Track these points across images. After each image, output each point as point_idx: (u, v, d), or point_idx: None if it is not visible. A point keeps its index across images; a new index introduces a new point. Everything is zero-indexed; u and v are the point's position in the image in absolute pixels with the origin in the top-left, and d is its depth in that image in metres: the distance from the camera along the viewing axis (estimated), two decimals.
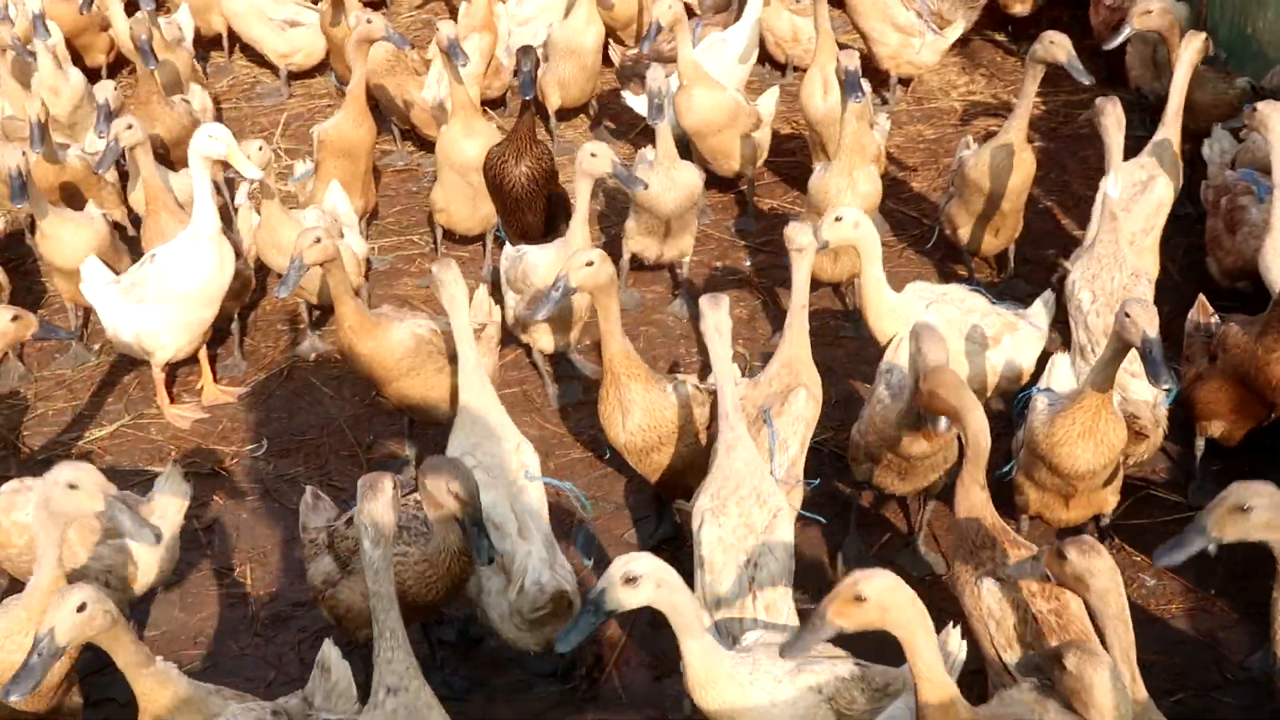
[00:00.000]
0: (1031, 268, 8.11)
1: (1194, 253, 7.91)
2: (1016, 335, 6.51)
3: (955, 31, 9.80)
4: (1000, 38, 10.78)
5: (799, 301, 6.07)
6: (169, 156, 8.54)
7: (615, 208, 8.88)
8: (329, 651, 4.88)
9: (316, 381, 7.58)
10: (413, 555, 5.21)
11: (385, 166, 9.55)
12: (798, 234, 6.16)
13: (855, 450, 6.06)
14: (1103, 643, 4.52)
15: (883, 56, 9.71)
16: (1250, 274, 6.87)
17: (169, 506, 5.78)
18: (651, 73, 7.48)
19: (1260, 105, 6.74)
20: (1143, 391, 6.17)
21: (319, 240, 6.29)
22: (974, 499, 5.08)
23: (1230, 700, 5.48)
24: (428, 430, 6.85)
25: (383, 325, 6.48)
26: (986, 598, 4.93)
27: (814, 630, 4.13)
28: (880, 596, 4.09)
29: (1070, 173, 9.07)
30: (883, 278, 6.42)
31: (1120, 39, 7.93)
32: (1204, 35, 7.56)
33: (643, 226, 7.71)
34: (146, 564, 5.65)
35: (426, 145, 9.44)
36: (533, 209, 7.69)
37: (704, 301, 5.64)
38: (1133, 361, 5.86)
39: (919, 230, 8.56)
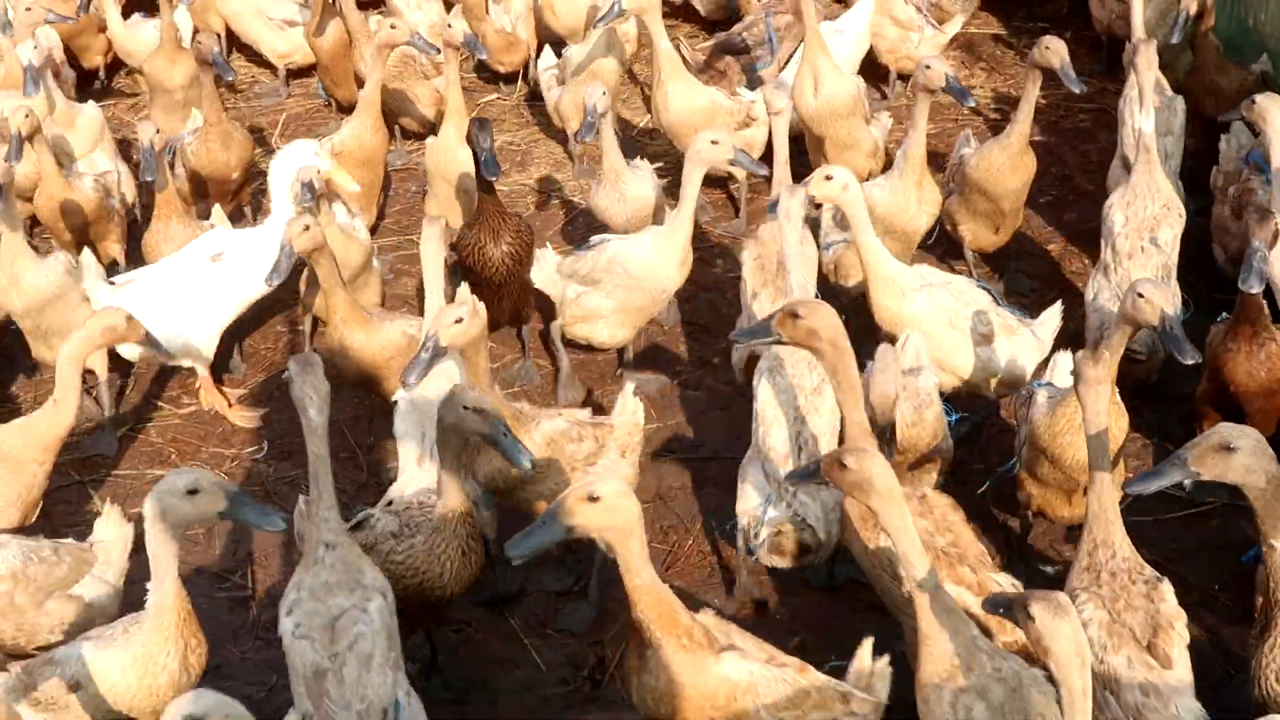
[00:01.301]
0: (1033, 261, 8.09)
1: (1194, 244, 7.89)
2: (1014, 339, 6.45)
3: (954, 26, 9.80)
4: (1001, 31, 10.76)
5: (780, 157, 7.31)
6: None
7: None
8: None
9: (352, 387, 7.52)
10: (418, 543, 5.25)
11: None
12: (776, 97, 7.41)
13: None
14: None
15: (882, 51, 9.71)
16: None
17: (112, 549, 5.58)
18: (591, 89, 7.41)
19: (1259, 98, 6.76)
20: None
21: (307, 228, 6.24)
22: None
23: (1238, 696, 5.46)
24: None
25: (374, 321, 6.48)
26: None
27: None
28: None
29: (1071, 167, 9.06)
30: (878, 245, 6.38)
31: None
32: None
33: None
34: (98, 608, 5.45)
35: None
36: (510, 293, 7.10)
37: (782, 190, 6.30)
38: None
39: None
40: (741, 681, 4.53)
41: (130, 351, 7.00)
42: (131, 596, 5.35)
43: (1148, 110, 6.89)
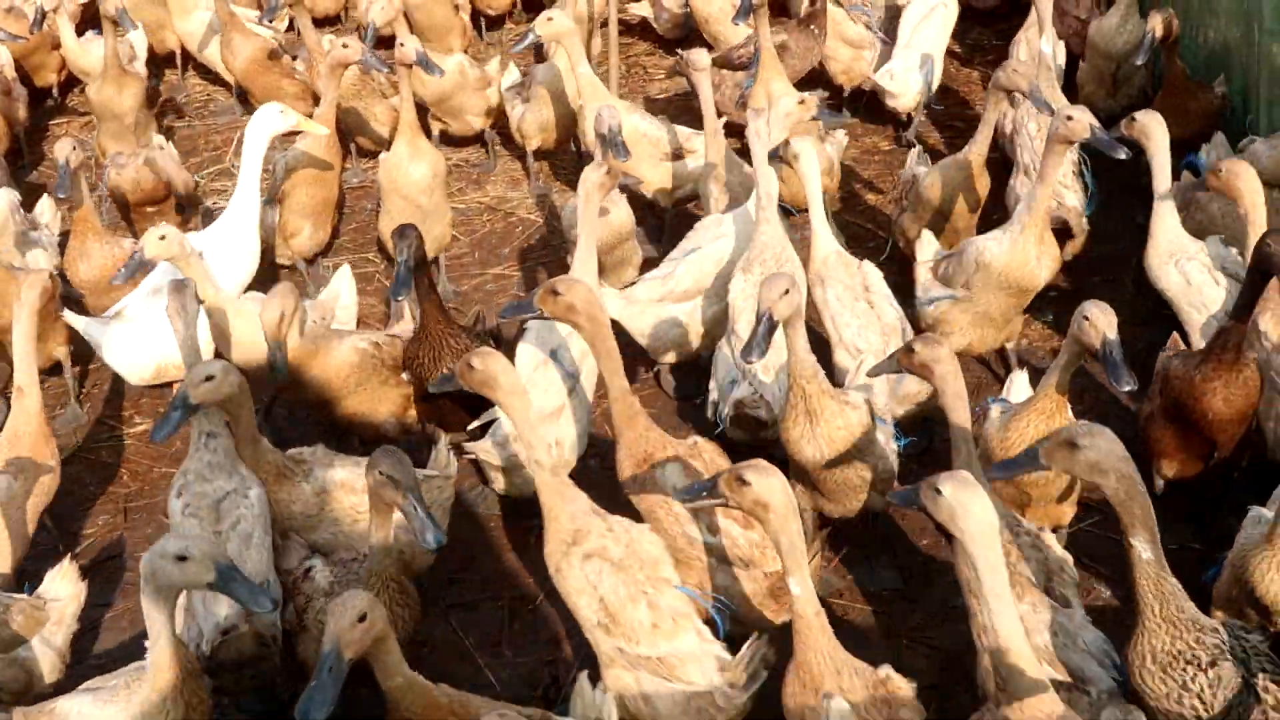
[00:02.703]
0: None
1: None
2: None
3: None
4: (957, 49, 10.81)
5: (711, 128, 7.71)
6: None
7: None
8: None
9: (280, 404, 7.48)
10: None
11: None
12: (698, 56, 7.75)
13: None
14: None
15: (836, 72, 9.77)
16: None
17: (66, 608, 5.47)
18: (604, 110, 7.37)
19: (1139, 115, 6.90)
20: (1073, 201, 7.65)
21: (288, 312, 6.08)
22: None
23: None
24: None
25: (324, 345, 6.44)
26: None
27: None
28: None
29: None
30: (822, 225, 6.68)
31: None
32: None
33: None
34: (44, 668, 5.33)
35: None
36: (460, 404, 6.46)
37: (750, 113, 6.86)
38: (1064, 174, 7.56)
39: (874, 242, 8.56)
40: None
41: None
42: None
43: (1049, 33, 8.09)
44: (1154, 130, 6.82)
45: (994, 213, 8.57)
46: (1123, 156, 6.61)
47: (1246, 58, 8.19)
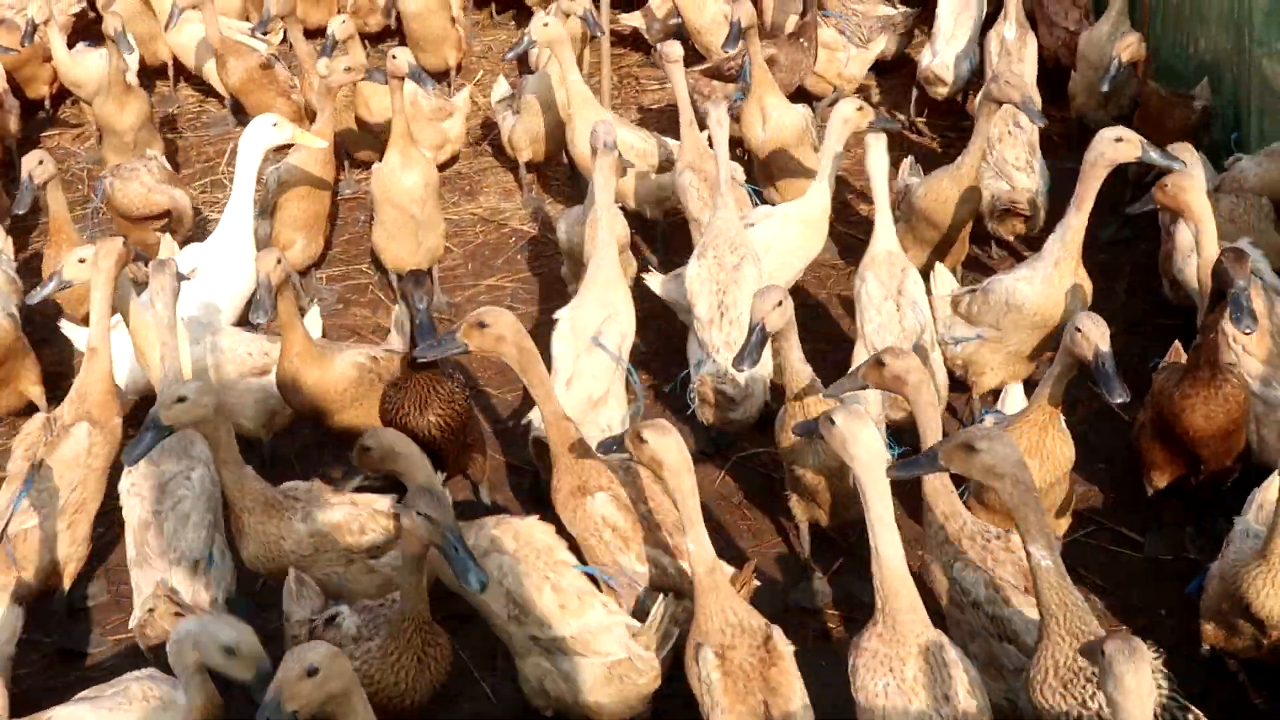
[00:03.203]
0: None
1: (1139, 273, 7.98)
2: None
3: (878, 45, 10.06)
4: None
5: (686, 119, 7.85)
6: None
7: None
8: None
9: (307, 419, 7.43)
10: (374, 647, 5.02)
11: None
12: (671, 48, 7.91)
13: None
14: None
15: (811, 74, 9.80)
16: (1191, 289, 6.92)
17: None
18: (599, 125, 7.39)
19: (1170, 179, 6.46)
20: (1026, 182, 7.87)
21: (279, 261, 6.23)
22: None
23: None
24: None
25: (327, 355, 6.45)
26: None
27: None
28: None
29: None
30: (885, 222, 6.75)
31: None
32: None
33: (572, 273, 7.73)
34: None
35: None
36: (449, 452, 6.30)
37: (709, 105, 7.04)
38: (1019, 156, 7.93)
39: None
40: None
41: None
42: None
43: (1011, 23, 8.79)
44: (1188, 188, 6.47)
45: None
46: (1178, 167, 6.37)
47: (1237, 67, 8.22)
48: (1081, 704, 4.39)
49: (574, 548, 5.43)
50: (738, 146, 8.18)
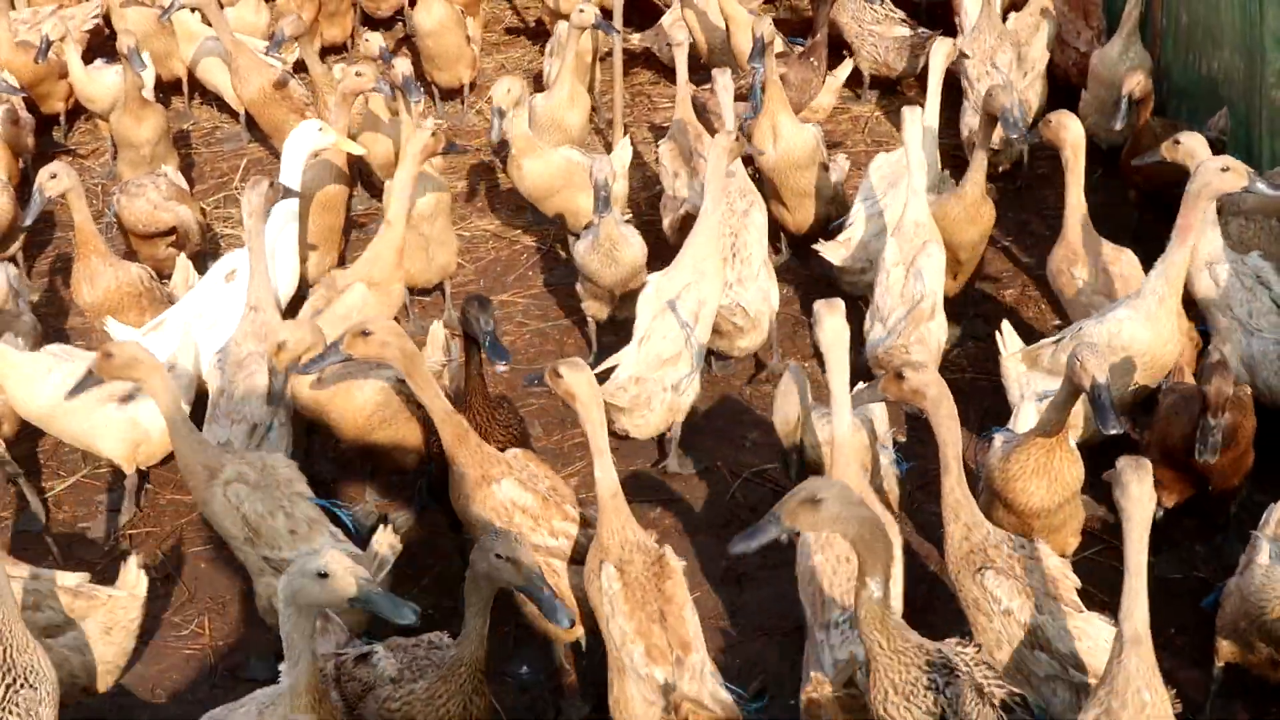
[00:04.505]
0: (990, 306, 8.14)
1: None
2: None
3: (845, 70, 10.16)
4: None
5: (683, 94, 8.62)
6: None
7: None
8: None
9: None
10: (419, 689, 4.94)
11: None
12: (676, 30, 8.76)
13: None
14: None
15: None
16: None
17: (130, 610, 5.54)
18: (599, 163, 7.47)
19: (1183, 136, 6.83)
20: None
21: (282, 347, 6.14)
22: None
23: None
24: (390, 477, 6.77)
25: (347, 384, 6.33)
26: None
27: None
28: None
29: (1028, 211, 9.13)
30: (919, 193, 7.20)
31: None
32: (951, 41, 8.51)
33: (588, 292, 7.82)
34: (105, 658, 5.45)
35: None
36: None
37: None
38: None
39: None
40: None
41: None
42: None
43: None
44: (1198, 150, 6.68)
45: (999, 240, 8.66)
46: (1274, 193, 6.28)
47: (1248, 89, 8.23)
48: (925, 711, 4.55)
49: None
50: (749, 165, 8.23)
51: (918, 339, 7.01)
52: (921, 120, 7.31)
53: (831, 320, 5.46)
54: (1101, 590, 6.09)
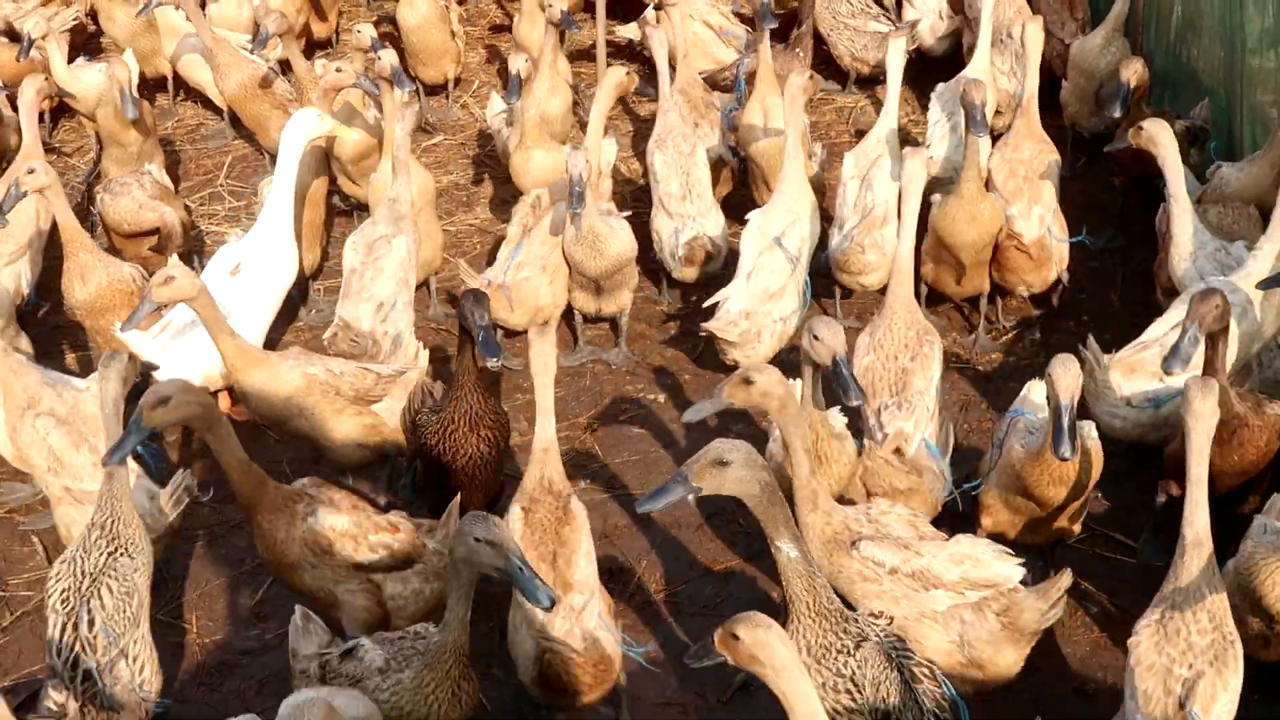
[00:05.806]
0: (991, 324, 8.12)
1: (1133, 280, 8.02)
2: None
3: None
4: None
5: (665, 91, 8.51)
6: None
7: None
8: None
9: (262, 425, 7.47)
10: (405, 679, 4.96)
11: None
12: (654, 34, 8.69)
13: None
14: None
15: None
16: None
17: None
18: (573, 157, 7.41)
19: (1146, 124, 6.97)
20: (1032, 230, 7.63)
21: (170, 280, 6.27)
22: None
23: None
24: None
25: (270, 361, 6.40)
26: None
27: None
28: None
29: None
30: (891, 112, 7.90)
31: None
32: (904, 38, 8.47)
33: (576, 282, 7.80)
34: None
35: None
36: (480, 484, 6.26)
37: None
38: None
39: None
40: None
41: None
42: None
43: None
44: (1162, 137, 6.83)
45: None
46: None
47: (1229, 77, 8.25)
48: (836, 674, 4.75)
49: None
50: (736, 154, 8.26)
51: (871, 243, 7.62)
52: (905, 50, 8.03)
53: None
54: (1087, 579, 6.15)
